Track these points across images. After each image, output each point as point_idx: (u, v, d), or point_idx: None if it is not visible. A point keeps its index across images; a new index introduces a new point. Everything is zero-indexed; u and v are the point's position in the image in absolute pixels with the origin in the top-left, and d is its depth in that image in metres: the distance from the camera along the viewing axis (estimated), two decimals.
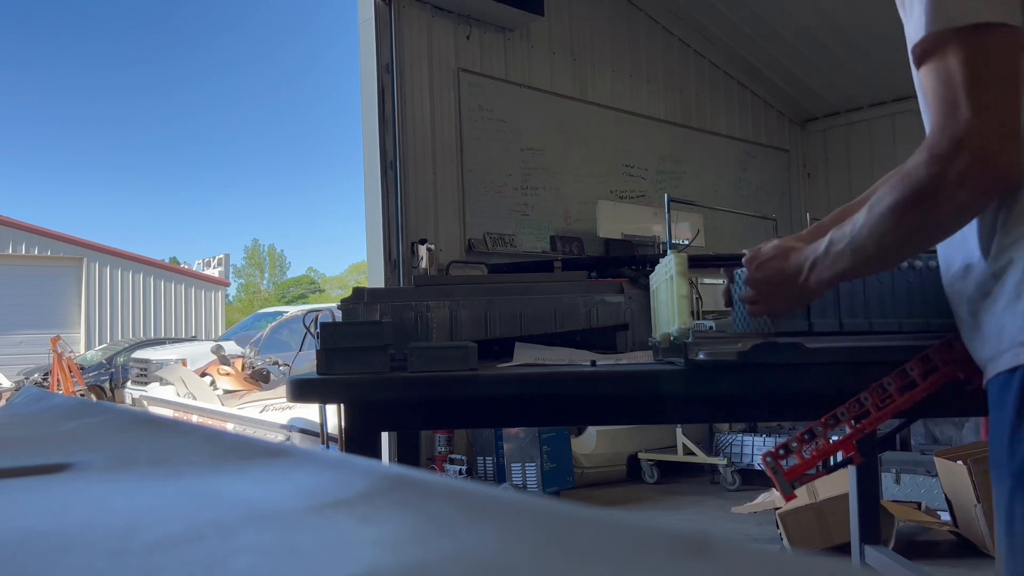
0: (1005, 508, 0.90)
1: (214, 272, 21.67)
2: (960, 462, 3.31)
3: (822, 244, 1.04)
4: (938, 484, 3.61)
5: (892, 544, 3.19)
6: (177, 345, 12.62)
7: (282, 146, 67.62)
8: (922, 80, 0.90)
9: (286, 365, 7.68)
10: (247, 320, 14.55)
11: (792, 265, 1.10)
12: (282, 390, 6.28)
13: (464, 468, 4.84)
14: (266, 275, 42.31)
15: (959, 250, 0.97)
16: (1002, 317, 0.89)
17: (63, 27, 59.28)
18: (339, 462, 0.37)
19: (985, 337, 0.93)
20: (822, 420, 1.11)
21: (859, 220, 0.97)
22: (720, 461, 5.00)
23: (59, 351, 10.11)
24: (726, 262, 1.50)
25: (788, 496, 1.12)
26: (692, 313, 1.23)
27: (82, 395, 9.23)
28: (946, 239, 0.97)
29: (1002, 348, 0.89)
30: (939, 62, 0.87)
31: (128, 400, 9.45)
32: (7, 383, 12.09)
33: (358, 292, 1.58)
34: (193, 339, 15.47)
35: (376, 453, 1.30)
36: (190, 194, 63.24)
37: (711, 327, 1.24)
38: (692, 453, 5.16)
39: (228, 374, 7.74)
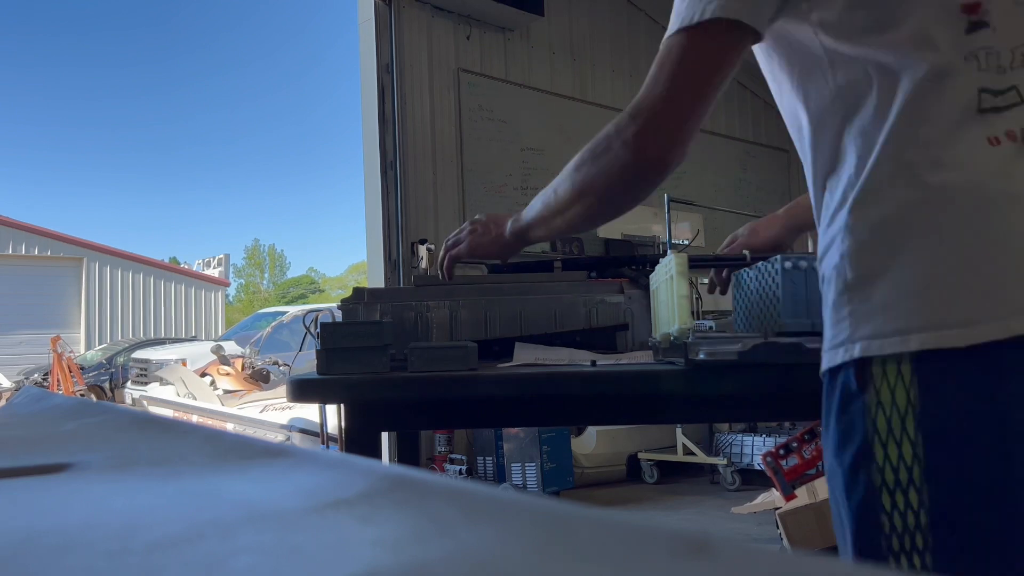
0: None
1: (214, 272, 21.68)
2: None
3: (529, 208, 1.19)
4: None
5: None
6: (177, 345, 12.63)
7: (282, 146, 67.66)
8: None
9: (286, 365, 7.69)
10: (247, 320, 14.55)
11: (498, 217, 1.30)
12: (282, 390, 6.28)
13: (464, 468, 4.84)
14: (266, 275, 42.34)
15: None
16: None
17: (63, 27, 59.31)
18: (339, 462, 0.37)
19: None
20: (822, 420, 1.11)
21: (550, 192, 1.11)
22: (720, 461, 5.00)
23: (59, 351, 10.11)
24: (726, 262, 1.50)
25: (788, 496, 1.12)
26: (692, 313, 1.23)
27: (82, 395, 9.23)
28: (615, 207, 1.07)
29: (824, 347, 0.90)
30: (666, 45, 0.93)
31: (128, 400, 9.45)
32: (7, 383, 12.09)
33: (358, 292, 1.58)
34: (193, 339, 15.47)
35: (376, 453, 1.30)
36: (190, 194, 63.29)
37: (711, 327, 1.24)
38: (692, 453, 5.16)
39: (228, 374, 7.74)
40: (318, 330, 1.32)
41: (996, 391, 0.75)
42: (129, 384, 10.43)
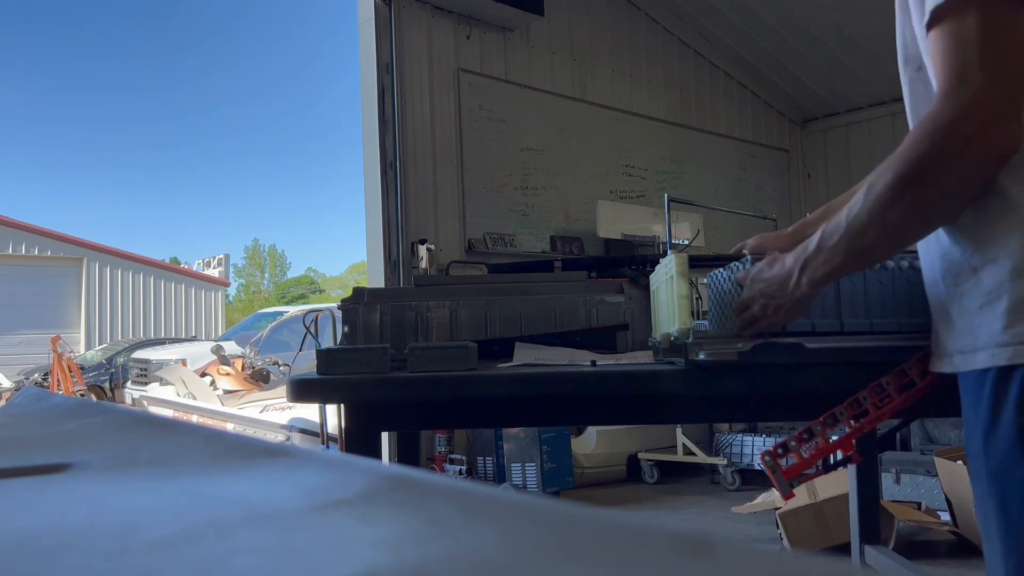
0: (982, 508, 0.90)
1: (214, 272, 21.67)
2: (960, 462, 3.31)
3: (812, 242, 0.98)
4: (938, 484, 3.61)
5: (892, 544, 3.19)
6: (177, 345, 12.62)
7: (282, 146, 67.68)
8: (931, 44, 0.86)
9: (286, 365, 7.68)
10: (247, 320, 14.54)
11: (781, 271, 1.05)
12: (282, 390, 6.28)
13: (464, 468, 4.84)
14: (266, 275, 42.33)
15: (935, 239, 0.96)
16: (978, 314, 0.88)
17: (62, 25, 59.33)
18: (339, 462, 0.37)
19: (957, 330, 0.92)
20: (821, 419, 1.11)
21: (855, 206, 0.91)
22: (720, 461, 5.00)
23: (59, 351, 10.11)
24: (726, 262, 1.50)
25: (787, 495, 1.12)
26: (692, 313, 1.23)
27: (82, 395, 9.23)
28: (951, 219, 0.91)
29: (977, 345, 0.88)
30: (953, 26, 0.83)
31: (128, 400, 9.44)
32: (7, 383, 12.09)
33: (358, 292, 1.58)
34: (193, 339, 15.47)
35: (376, 453, 1.30)
36: (190, 194, 63.31)
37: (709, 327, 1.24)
38: (692, 453, 5.16)
39: (228, 374, 7.74)
40: (317, 335, 1.32)
41: None
42: (129, 384, 10.42)
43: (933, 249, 0.97)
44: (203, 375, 7.85)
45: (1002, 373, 0.85)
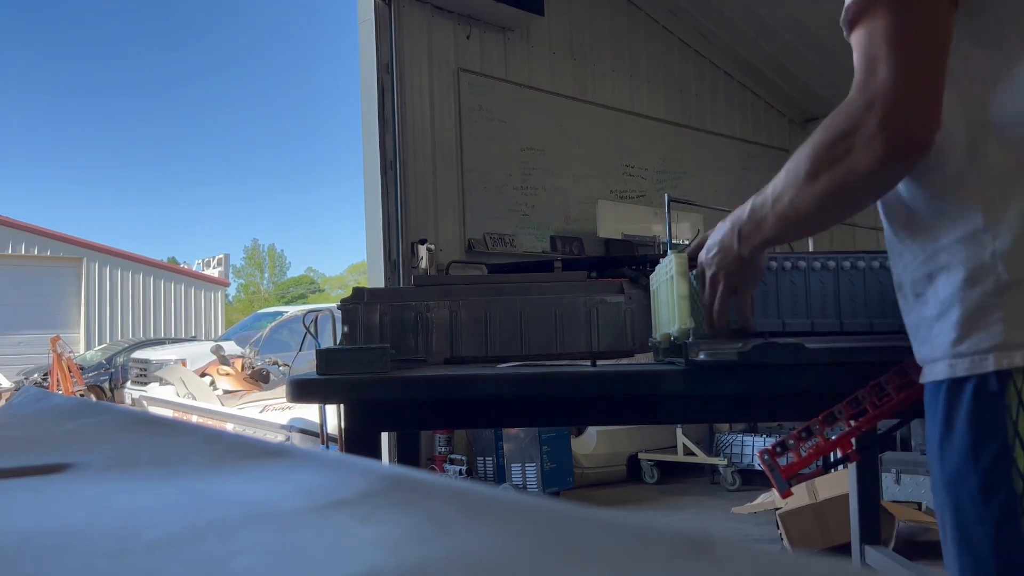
0: (939, 516, 0.90)
1: (214, 272, 21.67)
2: None
3: (744, 209, 1.03)
4: None
5: (892, 544, 3.19)
6: (177, 345, 12.62)
7: (282, 145, 67.68)
8: (853, 45, 0.89)
9: (286, 365, 7.68)
10: (247, 320, 14.54)
11: (722, 235, 1.08)
12: (282, 390, 6.28)
13: (464, 468, 4.84)
14: (266, 275, 42.34)
15: (898, 245, 0.96)
16: (935, 323, 0.88)
17: (63, 26, 59.33)
18: (339, 462, 0.37)
19: (919, 339, 0.92)
20: (819, 418, 1.11)
21: (778, 181, 0.95)
22: (720, 461, 5.00)
23: (59, 351, 10.11)
24: None
25: (785, 493, 1.12)
26: (692, 313, 1.23)
27: (82, 395, 9.23)
28: (866, 202, 0.93)
29: (935, 355, 0.88)
30: (866, 25, 0.86)
31: (128, 400, 9.45)
32: (7, 383, 12.09)
33: (358, 292, 1.58)
34: (193, 339, 15.47)
35: (376, 453, 1.30)
36: (190, 194, 63.30)
37: None
38: (692, 453, 5.16)
39: (228, 374, 7.74)
40: (317, 335, 1.32)
41: None
42: (129, 384, 10.42)
43: (896, 255, 0.97)
44: (203, 375, 7.86)
45: (954, 384, 0.85)
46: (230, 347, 9.91)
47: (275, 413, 6.03)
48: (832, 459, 1.15)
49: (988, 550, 0.82)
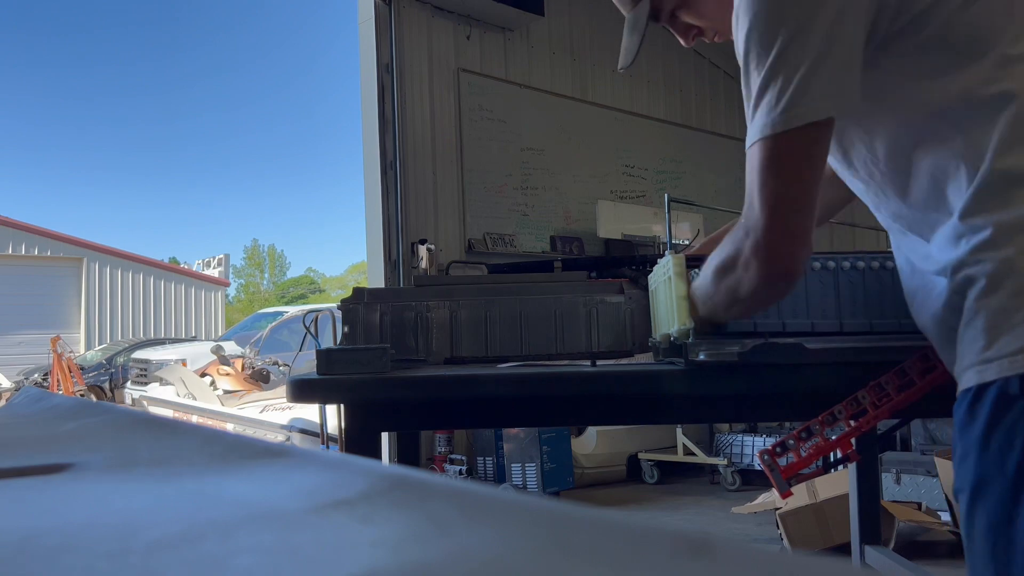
0: (965, 525, 0.90)
1: (214, 272, 21.67)
2: None
3: (696, 282, 1.14)
4: (938, 484, 3.61)
5: (892, 544, 3.19)
6: (177, 345, 12.62)
7: (282, 146, 67.69)
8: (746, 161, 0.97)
9: (286, 365, 7.69)
10: (247, 320, 14.54)
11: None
12: (282, 390, 6.28)
13: (464, 468, 4.84)
14: (266, 275, 42.33)
15: (923, 264, 0.97)
16: (964, 333, 0.89)
17: (62, 26, 59.33)
18: (339, 462, 0.37)
19: (953, 352, 0.93)
20: (819, 418, 1.11)
21: (703, 276, 1.09)
22: (720, 461, 5.00)
23: (59, 351, 10.11)
24: None
25: (785, 493, 1.12)
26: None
27: (82, 395, 9.23)
28: (759, 309, 1.10)
29: (964, 365, 0.89)
30: (750, 156, 0.94)
31: (128, 400, 9.45)
32: (7, 383, 12.09)
33: (358, 292, 1.58)
34: (193, 339, 15.47)
35: (376, 453, 1.30)
36: (190, 194, 63.31)
37: None
38: (692, 453, 5.17)
39: (228, 374, 7.74)
40: (317, 335, 1.32)
41: None
42: (129, 384, 10.43)
43: (919, 273, 0.99)
44: (203, 375, 7.85)
45: (980, 390, 0.86)
46: (230, 347, 9.91)
47: (275, 413, 6.03)
48: (832, 459, 1.15)
49: (1018, 556, 0.82)
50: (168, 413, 6.49)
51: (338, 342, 1.83)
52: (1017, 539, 0.82)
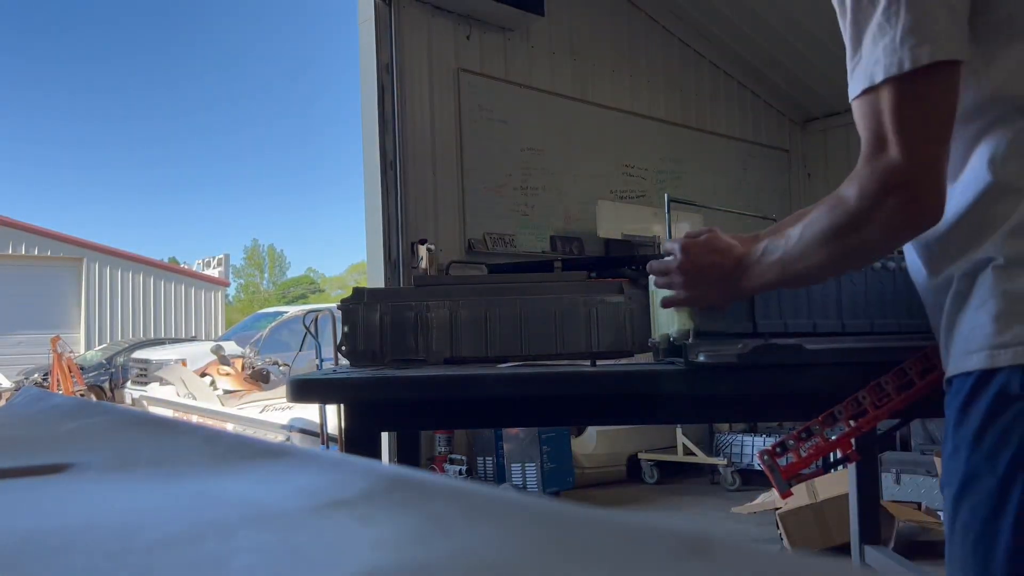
0: (948, 517, 0.90)
1: (214, 272, 21.67)
2: None
3: (758, 250, 1.06)
4: (938, 484, 3.61)
5: (892, 544, 3.18)
6: (177, 345, 12.62)
7: (282, 146, 67.69)
8: (856, 109, 0.91)
9: (286, 365, 7.69)
10: (247, 320, 14.53)
11: (730, 264, 1.10)
12: (282, 390, 6.28)
13: (464, 468, 4.84)
14: (266, 275, 42.33)
15: (936, 256, 0.96)
16: (975, 315, 0.88)
17: (62, 25, 59.34)
18: (339, 462, 0.37)
19: (953, 333, 0.92)
20: (819, 418, 1.11)
21: (792, 237, 0.99)
22: (720, 461, 5.00)
23: (59, 351, 10.11)
24: None
25: (785, 494, 1.12)
26: (691, 314, 1.23)
27: (82, 395, 9.23)
28: (870, 263, 1.06)
29: (971, 348, 0.88)
30: (873, 97, 0.88)
31: (128, 400, 9.45)
32: (7, 383, 12.09)
33: (358, 292, 1.58)
34: (193, 339, 15.47)
35: (376, 453, 1.30)
36: (190, 194, 63.34)
37: None
38: (692, 453, 5.16)
39: (228, 374, 7.74)
40: (317, 335, 1.32)
41: None
42: (129, 384, 10.42)
43: (933, 264, 0.97)
44: (203, 375, 7.86)
45: (984, 376, 0.85)
46: (230, 347, 9.91)
47: (275, 413, 6.03)
48: (832, 459, 1.15)
49: (1000, 553, 0.82)
50: (168, 413, 6.49)
51: (338, 342, 1.83)
52: (1000, 539, 0.82)
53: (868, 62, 0.87)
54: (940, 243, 0.94)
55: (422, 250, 4.89)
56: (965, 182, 0.92)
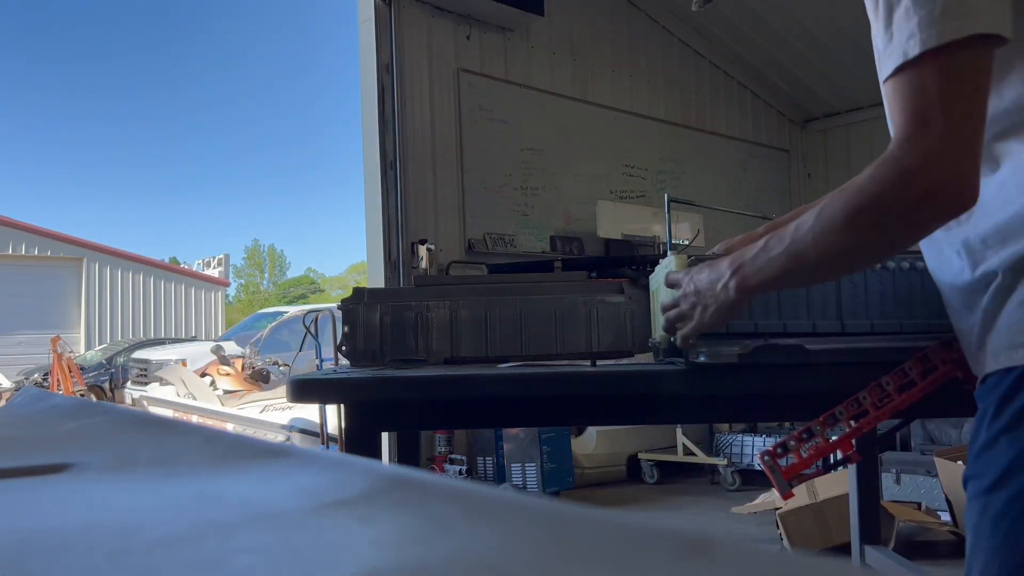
0: (972, 521, 0.89)
1: (214, 272, 21.67)
2: (960, 462, 3.31)
3: (753, 248, 0.98)
4: (938, 484, 3.61)
5: (892, 544, 3.19)
6: (177, 345, 12.62)
7: (282, 146, 67.69)
8: (889, 91, 0.86)
9: (286, 365, 7.69)
10: (247, 320, 14.53)
11: (713, 273, 1.03)
12: (282, 390, 6.28)
13: (464, 468, 4.84)
14: (266, 275, 42.33)
15: (976, 250, 0.93)
16: (1016, 311, 0.87)
17: (62, 25, 59.33)
18: (339, 462, 0.37)
19: (990, 329, 0.90)
20: (820, 419, 1.11)
21: (803, 226, 0.91)
22: (720, 461, 5.00)
23: (59, 351, 10.10)
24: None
25: (786, 494, 1.12)
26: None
27: (82, 395, 9.23)
28: (889, 257, 0.94)
29: (1012, 343, 0.86)
30: (911, 74, 0.83)
31: (128, 400, 9.44)
32: (7, 383, 12.09)
33: (358, 292, 1.58)
34: (193, 339, 15.47)
35: (376, 453, 1.30)
36: (190, 194, 63.35)
37: None
38: (692, 453, 5.16)
39: (228, 374, 7.74)
40: (317, 335, 1.32)
41: None
42: (129, 384, 10.42)
43: (968, 264, 0.94)
44: (203, 375, 7.86)
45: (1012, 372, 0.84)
46: (230, 347, 9.91)
47: (275, 413, 6.03)
48: (832, 460, 1.15)
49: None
50: (168, 413, 6.49)
51: (338, 342, 1.83)
52: None
53: (901, 37, 0.83)
54: (981, 237, 0.90)
55: (422, 250, 4.89)
56: (1007, 173, 0.88)
